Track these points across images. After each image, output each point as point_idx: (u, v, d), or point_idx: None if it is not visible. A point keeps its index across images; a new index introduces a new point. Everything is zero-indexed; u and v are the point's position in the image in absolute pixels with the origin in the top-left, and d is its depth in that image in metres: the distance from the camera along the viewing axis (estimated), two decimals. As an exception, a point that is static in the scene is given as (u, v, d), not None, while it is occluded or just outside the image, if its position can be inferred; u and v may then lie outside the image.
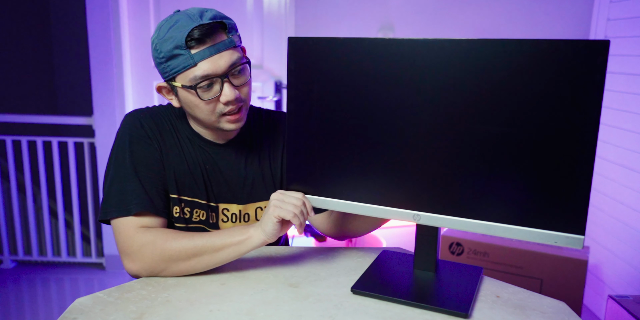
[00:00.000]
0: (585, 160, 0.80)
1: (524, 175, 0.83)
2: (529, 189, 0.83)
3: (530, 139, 0.82)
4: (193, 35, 0.95)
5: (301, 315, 0.86)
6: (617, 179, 2.29)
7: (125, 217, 1.02)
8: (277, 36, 2.64)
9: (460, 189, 0.88)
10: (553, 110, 0.80)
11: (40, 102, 3.52)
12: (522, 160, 0.83)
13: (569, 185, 0.81)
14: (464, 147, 0.86)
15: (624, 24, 2.29)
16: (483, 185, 0.86)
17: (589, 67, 0.77)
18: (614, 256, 2.30)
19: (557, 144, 0.81)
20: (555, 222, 0.83)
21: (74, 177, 2.77)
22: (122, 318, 0.84)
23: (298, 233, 0.98)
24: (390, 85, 0.89)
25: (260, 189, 1.17)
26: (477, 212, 0.88)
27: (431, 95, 0.87)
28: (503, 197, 0.86)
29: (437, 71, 0.86)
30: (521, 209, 0.85)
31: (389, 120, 0.90)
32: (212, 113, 1.03)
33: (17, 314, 2.39)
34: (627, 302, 1.43)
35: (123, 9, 2.62)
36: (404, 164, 0.91)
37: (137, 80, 2.74)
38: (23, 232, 2.93)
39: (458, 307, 0.88)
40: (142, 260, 0.98)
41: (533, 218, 0.84)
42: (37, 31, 3.46)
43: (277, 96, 2.72)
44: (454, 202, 0.89)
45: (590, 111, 0.78)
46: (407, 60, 0.87)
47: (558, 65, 0.78)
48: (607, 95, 2.41)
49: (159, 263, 0.98)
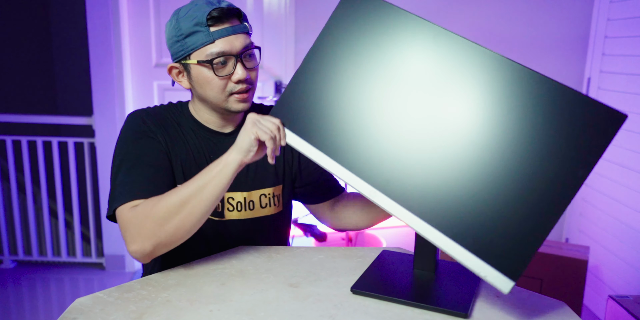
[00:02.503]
0: (552, 214, 0.80)
1: (497, 205, 0.83)
2: (495, 218, 0.83)
3: (516, 174, 0.82)
4: (213, 14, 1.03)
5: (301, 315, 0.86)
6: (617, 179, 2.30)
7: (125, 204, 1.01)
8: (277, 36, 2.64)
9: (434, 190, 0.87)
10: (546, 156, 0.80)
11: (40, 102, 3.52)
12: (499, 192, 0.83)
13: (528, 232, 0.81)
14: (455, 158, 0.86)
15: (624, 24, 2.29)
16: (454, 195, 0.86)
17: (598, 130, 0.78)
18: (614, 256, 2.30)
19: (536, 188, 0.81)
20: (496, 258, 0.82)
21: (74, 177, 2.77)
22: (122, 318, 0.84)
23: (269, 161, 0.98)
24: (416, 72, 0.90)
25: (262, 176, 1.20)
26: (436, 219, 0.87)
27: (442, 101, 0.88)
28: (465, 212, 0.85)
29: (460, 80, 0.87)
30: (477, 233, 0.84)
31: (396, 106, 0.91)
32: (222, 91, 1.08)
33: (17, 314, 2.39)
34: (627, 302, 1.43)
35: (123, 9, 2.62)
36: (391, 143, 0.91)
37: (137, 80, 2.74)
38: (23, 232, 2.93)
39: (458, 307, 0.88)
40: (139, 233, 0.97)
41: (481, 245, 0.83)
42: (37, 31, 3.46)
43: (277, 96, 2.72)
44: (421, 200, 0.88)
45: (580, 171, 0.79)
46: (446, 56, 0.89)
47: (570, 115, 0.79)
48: (607, 95, 2.41)
49: (155, 228, 0.96)
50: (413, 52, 0.91)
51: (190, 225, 0.98)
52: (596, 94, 2.50)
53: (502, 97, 0.84)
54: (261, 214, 1.20)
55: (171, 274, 1.02)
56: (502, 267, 0.81)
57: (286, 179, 1.24)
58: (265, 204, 1.20)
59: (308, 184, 1.26)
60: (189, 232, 0.99)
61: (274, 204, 1.21)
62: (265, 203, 1.20)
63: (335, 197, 1.28)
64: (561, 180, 0.79)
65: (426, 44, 0.90)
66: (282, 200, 1.24)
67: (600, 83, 2.47)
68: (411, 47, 0.91)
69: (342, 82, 0.96)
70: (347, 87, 0.95)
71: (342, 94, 0.95)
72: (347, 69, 0.95)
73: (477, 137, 0.85)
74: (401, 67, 0.91)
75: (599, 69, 2.47)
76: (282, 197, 1.24)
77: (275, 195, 1.22)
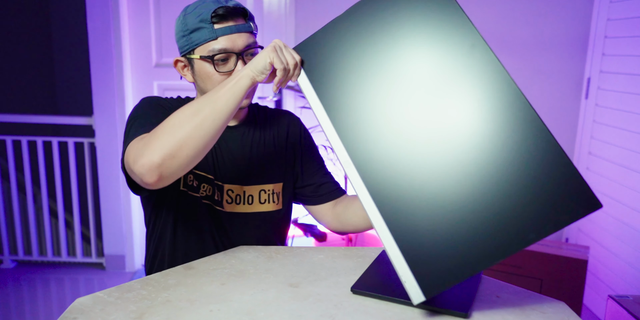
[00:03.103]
0: (486, 261, 0.81)
1: (448, 227, 0.84)
2: (442, 237, 0.84)
3: (478, 206, 0.83)
4: (218, 12, 1.07)
5: (301, 315, 0.86)
6: (617, 179, 2.30)
7: (135, 138, 0.99)
8: (277, 36, 2.64)
9: (404, 184, 0.88)
10: (510, 207, 0.81)
11: (40, 102, 3.52)
12: (455, 216, 0.84)
13: (463, 262, 0.82)
14: (438, 165, 0.87)
15: (624, 24, 2.29)
16: (420, 199, 0.87)
17: (570, 207, 0.78)
18: (614, 256, 2.30)
19: (487, 232, 0.82)
20: (422, 271, 0.84)
21: (74, 177, 2.77)
22: (122, 318, 0.84)
23: (273, 90, 0.98)
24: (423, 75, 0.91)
25: (263, 173, 1.21)
26: (389, 212, 0.88)
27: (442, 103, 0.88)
28: (420, 218, 0.86)
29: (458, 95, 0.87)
30: (419, 240, 0.85)
31: (408, 103, 0.90)
32: None
33: (17, 314, 2.39)
34: (627, 302, 1.43)
35: (123, 9, 2.62)
36: (388, 129, 0.91)
37: (137, 80, 2.74)
38: (23, 232, 2.93)
39: (458, 307, 0.88)
40: (147, 146, 0.92)
41: (416, 253, 0.85)
42: (37, 31, 3.46)
43: (277, 96, 2.72)
44: (387, 189, 0.88)
45: (531, 235, 0.79)
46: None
47: (552, 180, 0.80)
48: (607, 95, 2.41)
49: (164, 136, 0.92)
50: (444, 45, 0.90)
51: (199, 138, 0.92)
52: (596, 93, 2.50)
53: (493, 131, 0.84)
54: (260, 210, 1.21)
55: (171, 274, 1.02)
56: (422, 280, 0.84)
57: (287, 177, 1.25)
58: (265, 199, 1.21)
59: (309, 184, 1.27)
60: (197, 147, 0.92)
61: (273, 200, 1.22)
62: (264, 199, 1.21)
63: (336, 199, 1.28)
64: (511, 234, 0.80)
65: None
66: (281, 199, 1.24)
67: (600, 83, 2.47)
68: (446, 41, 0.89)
69: (367, 58, 0.94)
70: (371, 64, 0.94)
71: (365, 66, 0.94)
72: (378, 50, 0.94)
73: (457, 156, 0.85)
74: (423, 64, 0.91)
75: (599, 69, 2.47)
76: (283, 195, 1.24)
77: (275, 193, 1.22)
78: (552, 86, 2.64)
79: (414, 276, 0.84)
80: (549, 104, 2.65)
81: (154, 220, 1.21)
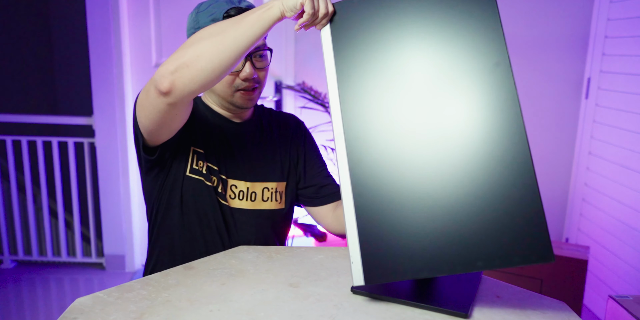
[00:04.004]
0: (427, 268, 0.85)
1: (409, 224, 0.86)
2: (399, 232, 0.87)
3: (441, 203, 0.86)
4: (230, 12, 1.08)
5: (301, 315, 0.86)
6: (617, 179, 2.30)
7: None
8: (277, 36, 2.64)
9: (388, 173, 0.89)
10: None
11: (40, 102, 3.52)
12: (426, 217, 0.86)
13: (407, 259, 0.86)
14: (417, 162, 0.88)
15: (624, 24, 2.29)
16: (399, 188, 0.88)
17: (519, 248, 0.80)
18: (614, 256, 2.30)
19: (440, 245, 0.85)
20: (370, 258, 0.88)
21: (74, 177, 2.77)
22: (122, 318, 0.84)
23: (295, 28, 0.97)
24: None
25: (267, 170, 1.23)
26: (361, 200, 0.90)
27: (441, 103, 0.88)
28: (386, 209, 0.88)
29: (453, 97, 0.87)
30: (377, 230, 0.88)
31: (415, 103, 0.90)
32: (230, 86, 1.14)
33: (17, 314, 2.39)
34: (627, 302, 1.43)
35: (123, 9, 2.62)
36: (388, 120, 0.91)
37: (137, 80, 2.74)
38: (23, 232, 2.93)
39: (458, 307, 0.88)
40: (170, 57, 0.94)
41: (369, 240, 0.88)
42: (37, 31, 3.46)
43: (277, 96, 2.72)
44: (368, 175, 0.90)
45: (479, 262, 0.82)
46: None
47: (513, 218, 0.82)
48: (607, 95, 2.41)
49: (183, 49, 0.94)
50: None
51: (216, 53, 0.93)
52: (596, 93, 2.50)
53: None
54: (262, 207, 1.22)
55: (171, 274, 1.02)
56: (367, 267, 0.87)
57: (290, 177, 1.26)
58: (267, 197, 1.22)
59: (311, 185, 1.27)
60: (212, 61, 0.93)
61: (275, 199, 1.23)
62: (267, 197, 1.22)
63: (337, 201, 1.28)
64: (461, 256, 0.83)
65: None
66: (284, 198, 1.25)
67: (600, 83, 2.47)
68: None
69: (392, 44, 0.93)
70: (393, 51, 0.92)
71: (387, 51, 0.93)
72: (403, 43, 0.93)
73: (443, 165, 0.86)
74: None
75: (599, 69, 2.47)
76: (285, 195, 1.25)
77: (278, 191, 1.23)
78: (552, 86, 2.64)
79: (362, 261, 0.88)
80: (549, 104, 2.65)
81: (157, 208, 1.20)
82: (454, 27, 0.90)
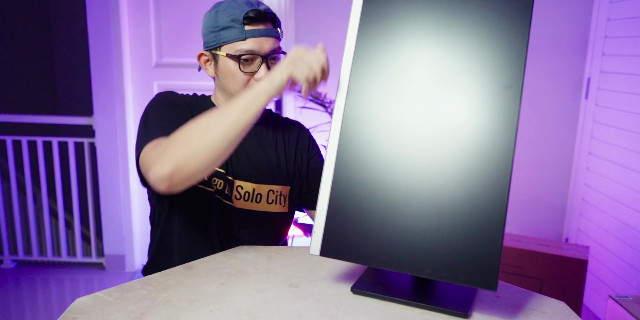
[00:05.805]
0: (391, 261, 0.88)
1: (373, 211, 0.87)
2: (364, 220, 0.90)
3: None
4: (250, 14, 1.10)
5: (301, 315, 0.86)
6: (617, 179, 2.30)
7: (150, 142, 1.03)
8: (277, 36, 2.64)
9: (374, 170, 0.91)
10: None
11: (40, 102, 3.52)
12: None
13: (360, 242, 0.91)
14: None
15: (624, 24, 2.29)
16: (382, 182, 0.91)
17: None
18: (614, 256, 2.30)
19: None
20: (330, 237, 0.92)
21: (74, 177, 2.77)
22: (122, 318, 0.84)
23: (303, 96, 0.98)
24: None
25: (273, 173, 1.23)
26: (336, 193, 0.93)
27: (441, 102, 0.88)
28: (355, 202, 0.91)
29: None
30: (342, 215, 0.92)
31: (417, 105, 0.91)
32: (243, 86, 1.15)
33: (17, 314, 2.39)
34: (627, 302, 1.43)
35: (123, 9, 2.62)
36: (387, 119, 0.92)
37: (137, 80, 2.74)
38: (23, 232, 2.93)
39: (458, 307, 0.88)
40: (161, 155, 0.95)
41: (334, 217, 0.92)
42: (37, 31, 3.46)
43: (276, 96, 2.72)
44: (355, 170, 0.92)
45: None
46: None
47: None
48: (607, 95, 2.41)
49: (174, 149, 0.95)
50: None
51: (208, 152, 0.94)
52: (596, 93, 2.50)
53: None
54: (267, 209, 1.22)
55: (171, 274, 1.02)
56: (326, 240, 0.92)
57: (294, 182, 1.26)
58: (272, 200, 1.22)
59: (315, 189, 1.28)
60: (205, 160, 0.95)
61: (280, 202, 1.23)
62: (272, 199, 1.22)
63: None
64: (412, 257, 0.87)
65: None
66: (288, 202, 1.25)
67: (600, 83, 2.47)
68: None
69: (415, 41, 0.92)
70: (413, 48, 0.92)
71: (409, 45, 0.92)
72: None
73: (428, 166, 0.87)
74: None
75: (599, 69, 2.47)
76: (289, 199, 1.26)
77: (282, 195, 1.24)
78: (552, 86, 2.64)
79: (323, 233, 0.92)
80: (549, 104, 2.65)
81: (159, 211, 1.22)
82: (480, 35, 0.88)
